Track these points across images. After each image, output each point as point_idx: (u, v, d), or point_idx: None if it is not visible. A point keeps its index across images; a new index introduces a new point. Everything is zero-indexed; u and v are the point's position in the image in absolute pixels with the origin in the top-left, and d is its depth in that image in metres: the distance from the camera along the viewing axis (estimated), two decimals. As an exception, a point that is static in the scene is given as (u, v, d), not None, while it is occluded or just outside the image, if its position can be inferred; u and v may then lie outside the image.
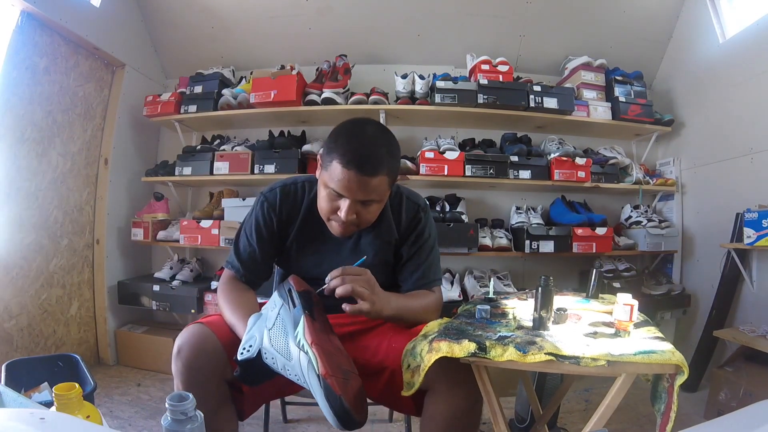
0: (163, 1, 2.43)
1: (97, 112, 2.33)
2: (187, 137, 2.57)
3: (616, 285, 2.16)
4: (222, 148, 2.36)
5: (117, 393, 1.96)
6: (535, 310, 0.90)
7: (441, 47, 2.52)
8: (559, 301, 1.08)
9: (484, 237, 2.20)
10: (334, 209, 0.95)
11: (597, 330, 0.90)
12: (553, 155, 2.25)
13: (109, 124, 2.37)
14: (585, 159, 2.25)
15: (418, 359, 0.84)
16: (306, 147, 2.28)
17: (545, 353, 0.77)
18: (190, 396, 0.56)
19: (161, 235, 2.36)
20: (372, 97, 2.22)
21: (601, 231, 2.19)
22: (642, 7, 2.41)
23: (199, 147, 2.43)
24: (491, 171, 2.18)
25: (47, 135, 2.03)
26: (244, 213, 1.13)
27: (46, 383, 1.32)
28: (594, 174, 2.27)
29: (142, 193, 2.57)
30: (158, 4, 2.44)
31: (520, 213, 2.37)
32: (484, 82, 2.20)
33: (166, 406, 0.55)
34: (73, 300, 2.20)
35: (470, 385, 0.86)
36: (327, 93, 2.21)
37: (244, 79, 2.47)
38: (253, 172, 2.24)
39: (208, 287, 2.26)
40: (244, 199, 2.32)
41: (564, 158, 2.22)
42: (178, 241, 2.29)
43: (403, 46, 2.54)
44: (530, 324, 0.93)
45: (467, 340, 0.81)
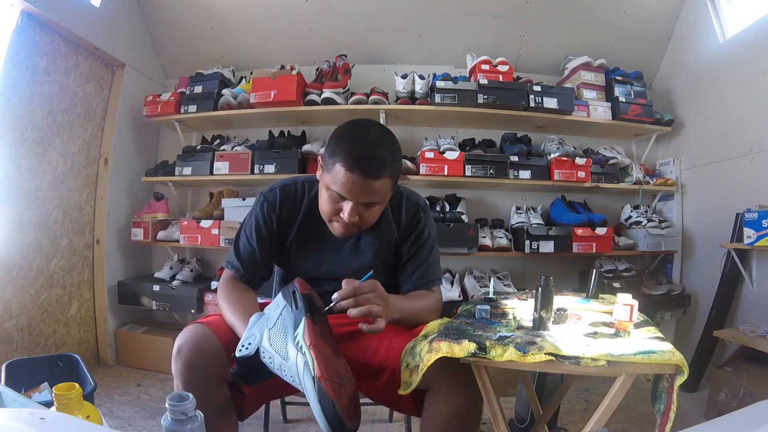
0: (163, 1, 2.43)
1: (97, 112, 2.33)
2: (187, 137, 2.57)
3: (616, 285, 2.16)
4: (222, 148, 2.36)
5: (117, 393, 1.96)
6: (535, 310, 0.90)
7: (441, 47, 2.52)
8: (559, 301, 1.08)
9: (484, 237, 2.20)
10: (337, 211, 0.96)
11: (597, 330, 0.90)
12: (553, 155, 2.25)
13: (109, 124, 2.37)
14: (585, 159, 2.25)
15: (417, 359, 0.84)
16: (306, 147, 2.28)
17: (545, 353, 0.77)
18: (190, 396, 0.56)
19: (161, 235, 2.36)
20: (372, 97, 2.22)
21: (601, 231, 2.19)
22: (642, 7, 2.41)
23: (199, 147, 2.43)
24: (491, 171, 2.18)
25: (47, 135, 2.03)
26: (244, 213, 1.13)
27: (46, 383, 1.32)
28: (594, 174, 2.27)
29: (142, 193, 2.57)
30: (158, 4, 2.44)
31: (520, 213, 2.37)
32: (484, 82, 2.21)
33: (166, 406, 0.55)
34: (73, 300, 2.20)
35: (470, 385, 0.85)
36: (327, 93, 2.21)
37: (244, 79, 2.47)
38: (253, 172, 2.24)
39: (208, 287, 2.26)
40: (244, 199, 2.32)
41: (564, 158, 2.22)
42: (178, 241, 2.29)
43: (403, 46, 2.54)
44: (530, 324, 0.93)
45: (467, 340, 0.81)
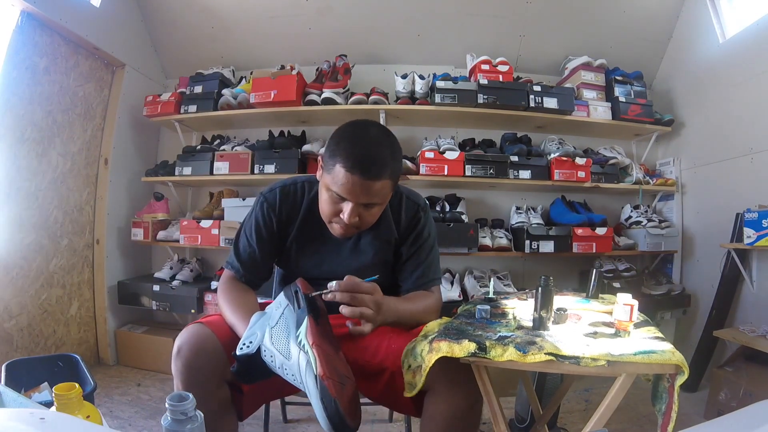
0: (163, 1, 2.43)
1: (97, 112, 2.33)
2: (187, 137, 2.57)
3: (616, 285, 2.16)
4: (222, 148, 2.36)
5: (117, 393, 1.96)
6: (535, 310, 0.90)
7: (441, 47, 2.52)
8: (559, 301, 1.08)
9: (484, 237, 2.20)
10: (337, 212, 0.96)
11: (597, 330, 0.90)
12: (553, 155, 2.25)
13: (109, 124, 2.37)
14: (585, 159, 2.25)
15: (419, 359, 0.84)
16: (306, 147, 2.28)
17: (545, 353, 0.77)
18: (190, 396, 0.56)
19: (161, 235, 2.36)
20: (372, 97, 2.22)
21: (601, 231, 2.19)
22: (642, 7, 2.41)
23: (199, 147, 2.43)
24: (491, 171, 2.18)
25: (47, 135, 2.03)
26: (244, 213, 1.13)
27: (46, 383, 1.32)
28: (594, 174, 2.27)
29: (142, 193, 2.57)
30: (158, 4, 2.44)
31: (520, 213, 2.37)
32: (484, 82, 2.20)
33: (166, 406, 0.55)
34: (73, 300, 2.20)
35: (470, 385, 0.85)
36: (327, 93, 2.21)
37: (244, 79, 2.47)
38: (253, 172, 2.24)
39: (208, 287, 2.26)
40: (244, 199, 2.32)
41: (564, 158, 2.22)
42: (178, 241, 2.29)
43: (403, 46, 2.54)
44: (530, 324, 0.93)
45: (467, 340, 0.81)
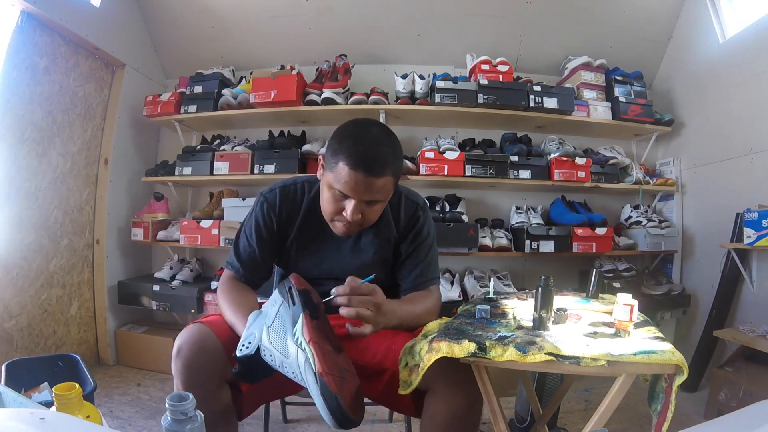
0: (163, 1, 2.43)
1: (97, 112, 2.32)
2: (187, 137, 2.57)
3: (616, 285, 2.16)
4: (222, 148, 2.36)
5: (117, 393, 1.96)
6: (535, 310, 0.90)
7: (441, 47, 2.52)
8: (559, 301, 1.08)
9: (484, 237, 2.20)
10: (339, 210, 0.96)
11: (597, 330, 0.90)
12: (553, 155, 2.25)
13: (109, 124, 2.37)
14: (585, 159, 2.25)
15: (417, 358, 0.84)
16: (306, 147, 2.28)
17: (545, 353, 0.77)
18: (190, 396, 0.56)
19: (161, 235, 2.36)
20: (372, 97, 2.22)
21: (601, 231, 2.19)
22: (642, 7, 2.41)
23: (199, 147, 2.43)
24: (491, 171, 2.18)
25: (47, 135, 2.03)
26: (244, 213, 1.13)
27: (46, 383, 1.32)
28: (594, 174, 2.27)
29: (142, 193, 2.57)
30: (158, 4, 2.44)
31: (520, 213, 2.37)
32: (484, 82, 2.20)
33: (166, 406, 0.55)
34: (73, 300, 2.20)
35: (470, 385, 0.85)
36: (327, 93, 2.21)
37: (244, 79, 2.47)
38: (253, 172, 2.24)
39: (208, 287, 2.26)
40: (244, 199, 2.32)
41: (564, 158, 2.22)
42: (178, 241, 2.29)
43: (403, 46, 2.53)
44: (530, 324, 0.93)
45: (467, 340, 0.81)
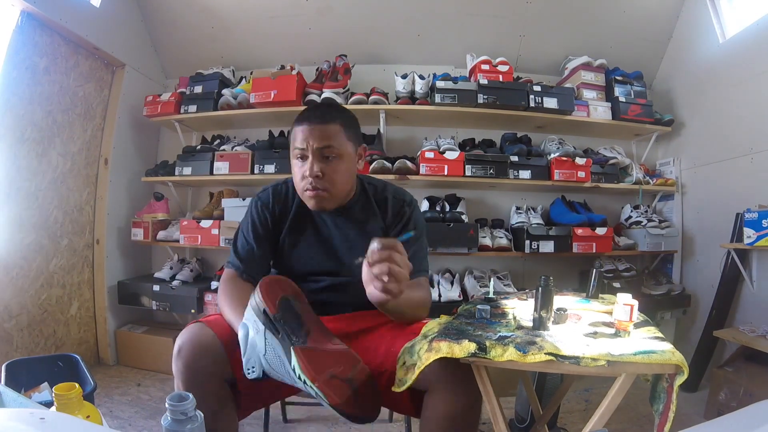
0: (163, 1, 2.43)
1: (97, 112, 2.32)
2: (187, 137, 2.57)
3: (616, 285, 2.16)
4: (222, 148, 2.36)
5: (117, 393, 1.96)
6: (535, 310, 0.90)
7: (441, 47, 2.52)
8: (559, 301, 1.08)
9: (484, 237, 2.20)
10: (303, 174, 1.01)
11: (597, 330, 0.90)
12: (553, 155, 2.25)
13: (109, 124, 2.37)
14: (585, 159, 2.24)
15: (415, 357, 0.84)
16: (306, 147, 2.28)
17: (545, 353, 0.77)
18: (190, 396, 0.56)
19: (161, 235, 2.36)
20: (372, 97, 2.22)
21: (601, 231, 2.19)
22: (642, 7, 2.41)
23: (199, 147, 2.42)
24: (491, 171, 2.18)
25: (47, 135, 2.02)
26: (244, 213, 1.18)
27: (46, 383, 1.32)
28: (594, 174, 2.27)
29: (142, 193, 2.57)
30: (158, 4, 2.44)
31: (520, 213, 2.37)
32: (484, 82, 2.20)
33: (166, 406, 0.55)
34: (73, 300, 2.20)
35: (469, 385, 0.85)
36: (327, 93, 2.21)
37: (244, 79, 2.47)
38: (253, 172, 2.24)
39: (208, 287, 2.26)
40: (244, 199, 2.32)
41: (564, 158, 2.22)
42: (178, 241, 2.29)
43: (403, 46, 2.53)
44: (530, 324, 0.93)
45: (467, 340, 0.81)
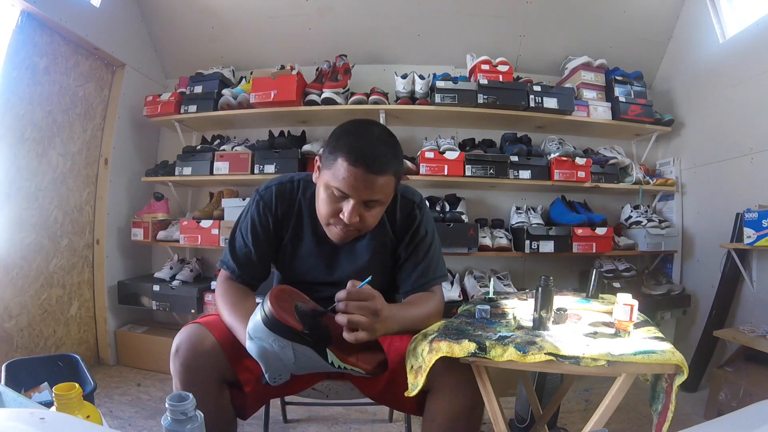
0: (163, 1, 2.43)
1: (97, 112, 2.32)
2: (187, 137, 2.57)
3: (616, 285, 2.16)
4: (222, 148, 2.36)
5: (117, 393, 1.96)
6: (535, 310, 0.90)
7: (441, 47, 2.52)
8: (559, 301, 1.08)
9: (484, 237, 2.20)
10: (336, 212, 0.91)
11: (597, 330, 0.90)
12: (553, 155, 2.25)
13: (109, 124, 2.37)
14: (585, 159, 2.24)
15: (420, 360, 0.84)
16: (306, 147, 2.28)
17: (545, 353, 0.77)
18: (190, 396, 0.56)
19: (161, 235, 2.36)
20: (372, 97, 2.22)
21: (601, 231, 2.19)
22: (642, 7, 2.41)
23: (199, 147, 2.42)
24: (491, 171, 2.18)
25: (47, 135, 2.02)
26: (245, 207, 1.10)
27: (46, 383, 1.32)
28: (594, 174, 2.27)
29: (142, 193, 2.57)
30: (158, 4, 2.44)
31: (520, 213, 2.37)
32: (484, 82, 2.20)
33: (166, 406, 0.55)
34: (73, 300, 2.20)
35: (473, 386, 0.85)
36: (327, 93, 2.21)
37: (244, 79, 2.47)
38: (253, 172, 2.23)
39: (208, 287, 2.26)
40: (244, 199, 2.32)
41: (564, 158, 2.22)
42: (178, 241, 2.29)
43: (403, 46, 2.53)
44: (530, 324, 0.93)
45: (467, 340, 0.81)
